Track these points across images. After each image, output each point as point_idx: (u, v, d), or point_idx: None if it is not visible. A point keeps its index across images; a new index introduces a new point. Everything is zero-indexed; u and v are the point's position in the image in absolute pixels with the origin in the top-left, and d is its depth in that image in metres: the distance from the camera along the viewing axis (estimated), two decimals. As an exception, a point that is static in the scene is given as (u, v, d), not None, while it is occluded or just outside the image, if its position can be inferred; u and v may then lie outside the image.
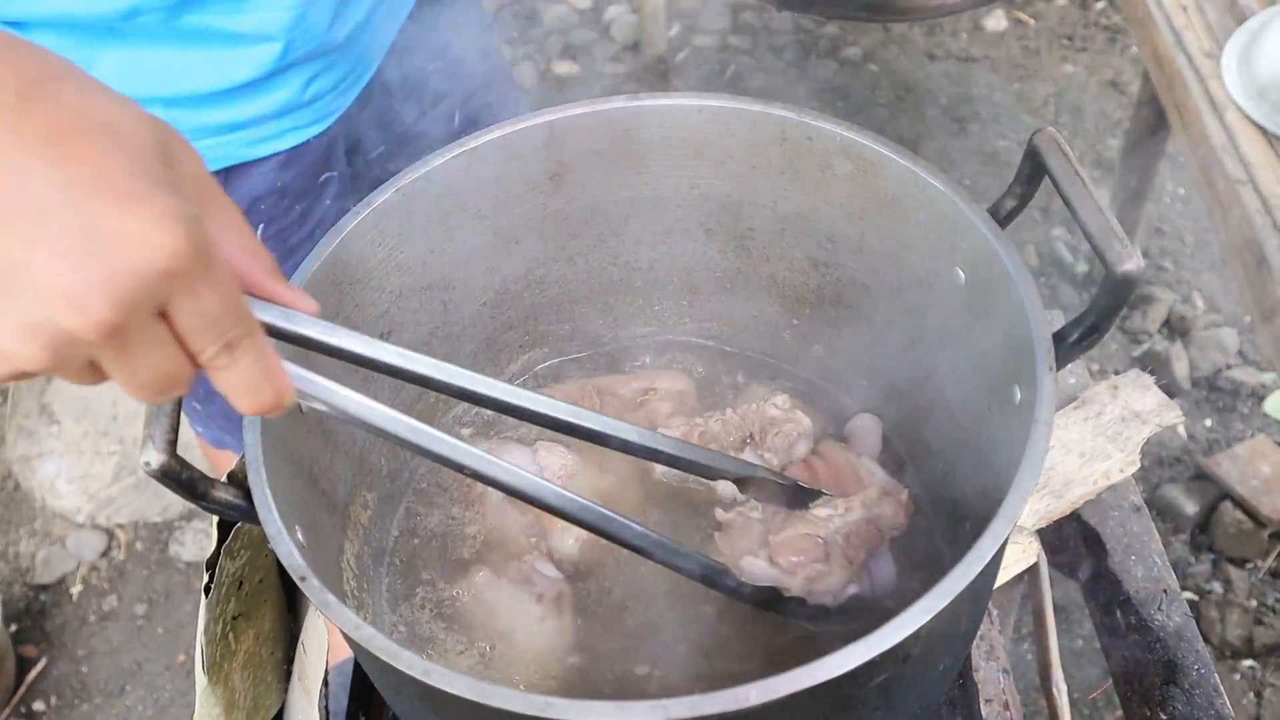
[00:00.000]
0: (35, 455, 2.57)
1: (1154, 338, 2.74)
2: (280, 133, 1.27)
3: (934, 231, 0.94)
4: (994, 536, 0.70)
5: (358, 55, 1.30)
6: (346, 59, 1.28)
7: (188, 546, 2.51)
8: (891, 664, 0.71)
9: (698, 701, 0.63)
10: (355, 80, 1.31)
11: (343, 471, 0.97)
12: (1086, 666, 2.26)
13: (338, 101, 1.32)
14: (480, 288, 1.07)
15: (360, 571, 0.98)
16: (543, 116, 1.00)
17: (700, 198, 1.06)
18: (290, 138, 1.28)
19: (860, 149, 0.96)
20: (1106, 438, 1.35)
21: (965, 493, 1.01)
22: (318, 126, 1.30)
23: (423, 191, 0.98)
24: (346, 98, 1.33)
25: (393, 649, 0.68)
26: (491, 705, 0.65)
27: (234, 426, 1.48)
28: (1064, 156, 0.82)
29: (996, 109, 3.38)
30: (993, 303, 0.88)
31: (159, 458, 0.73)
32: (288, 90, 1.23)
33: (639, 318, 1.17)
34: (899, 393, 1.08)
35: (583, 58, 3.64)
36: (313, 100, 1.27)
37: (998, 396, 0.90)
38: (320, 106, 1.29)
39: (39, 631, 2.40)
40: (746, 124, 1.00)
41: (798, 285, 1.10)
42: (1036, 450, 0.73)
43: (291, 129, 1.28)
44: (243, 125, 1.22)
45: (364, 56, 1.32)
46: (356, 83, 1.32)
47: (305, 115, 1.28)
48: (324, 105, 1.30)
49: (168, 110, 1.17)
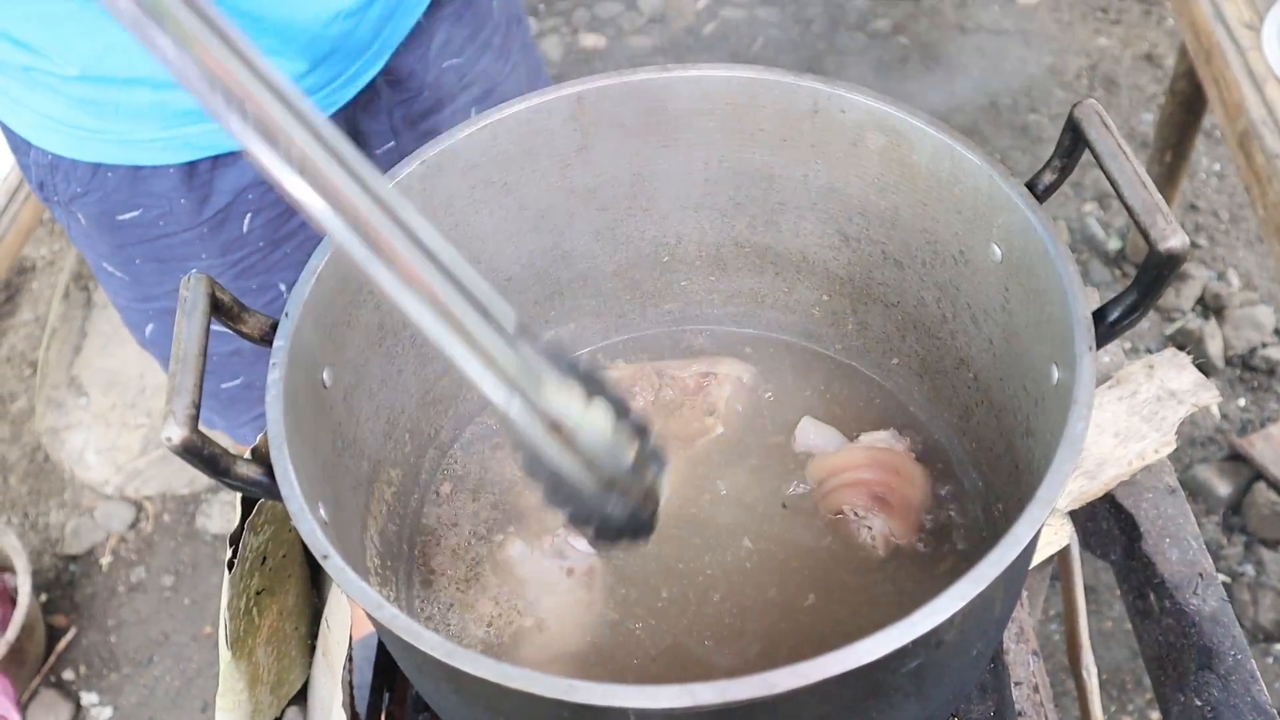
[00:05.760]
0: (64, 427, 2.58)
1: (1187, 315, 2.70)
2: None
3: (969, 206, 0.92)
4: (1030, 520, 0.68)
5: (359, 50, 1.25)
6: (346, 54, 1.24)
7: (214, 519, 2.52)
8: (924, 650, 0.69)
9: (726, 687, 0.62)
10: (357, 75, 1.27)
11: (366, 448, 0.96)
12: (1114, 649, 2.24)
13: (335, 95, 1.27)
14: (505, 263, 1.06)
15: (384, 549, 0.97)
16: (570, 88, 0.98)
17: (729, 171, 1.04)
18: None
19: (894, 121, 0.94)
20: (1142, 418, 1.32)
21: (998, 475, 0.99)
22: None
23: (447, 165, 0.96)
24: (345, 92, 1.28)
25: (415, 629, 0.67)
26: (514, 687, 0.64)
27: (223, 408, 1.45)
28: (1106, 128, 0.80)
29: (1028, 82, 3.33)
30: (1030, 280, 0.86)
31: (180, 433, 0.72)
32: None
33: (666, 294, 1.15)
34: (931, 371, 1.06)
35: (609, 30, 3.61)
36: (308, 92, 1.22)
37: (1033, 376, 0.88)
38: (316, 100, 1.24)
39: (68, 601, 2.42)
40: (777, 95, 0.98)
41: (828, 261, 1.08)
42: (1075, 433, 0.71)
43: None
44: None
45: (369, 51, 1.27)
46: (359, 77, 1.27)
47: None
48: (320, 98, 1.25)
49: (155, 92, 1.14)
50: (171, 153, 1.20)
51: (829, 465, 1.04)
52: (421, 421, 1.04)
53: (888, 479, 1.01)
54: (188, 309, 0.80)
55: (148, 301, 1.35)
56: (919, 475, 1.03)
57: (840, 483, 1.02)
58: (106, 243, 1.29)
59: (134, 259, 1.30)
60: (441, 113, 1.39)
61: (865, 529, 1.00)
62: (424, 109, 1.38)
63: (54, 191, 1.27)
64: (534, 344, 0.69)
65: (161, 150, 1.19)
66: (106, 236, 1.28)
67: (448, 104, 1.40)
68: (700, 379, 1.09)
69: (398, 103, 1.36)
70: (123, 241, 1.28)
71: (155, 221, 1.25)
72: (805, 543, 1.00)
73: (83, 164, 1.21)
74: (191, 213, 1.24)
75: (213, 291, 0.82)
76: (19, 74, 1.15)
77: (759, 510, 1.03)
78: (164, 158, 1.20)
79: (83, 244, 1.34)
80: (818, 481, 1.04)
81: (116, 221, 1.26)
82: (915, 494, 1.02)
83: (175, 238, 1.27)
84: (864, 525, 1.00)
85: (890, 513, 1.00)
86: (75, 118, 1.17)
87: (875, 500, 1.00)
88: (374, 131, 1.37)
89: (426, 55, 1.35)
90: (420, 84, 1.36)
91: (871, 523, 1.00)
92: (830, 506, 1.02)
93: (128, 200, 1.24)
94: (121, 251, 1.29)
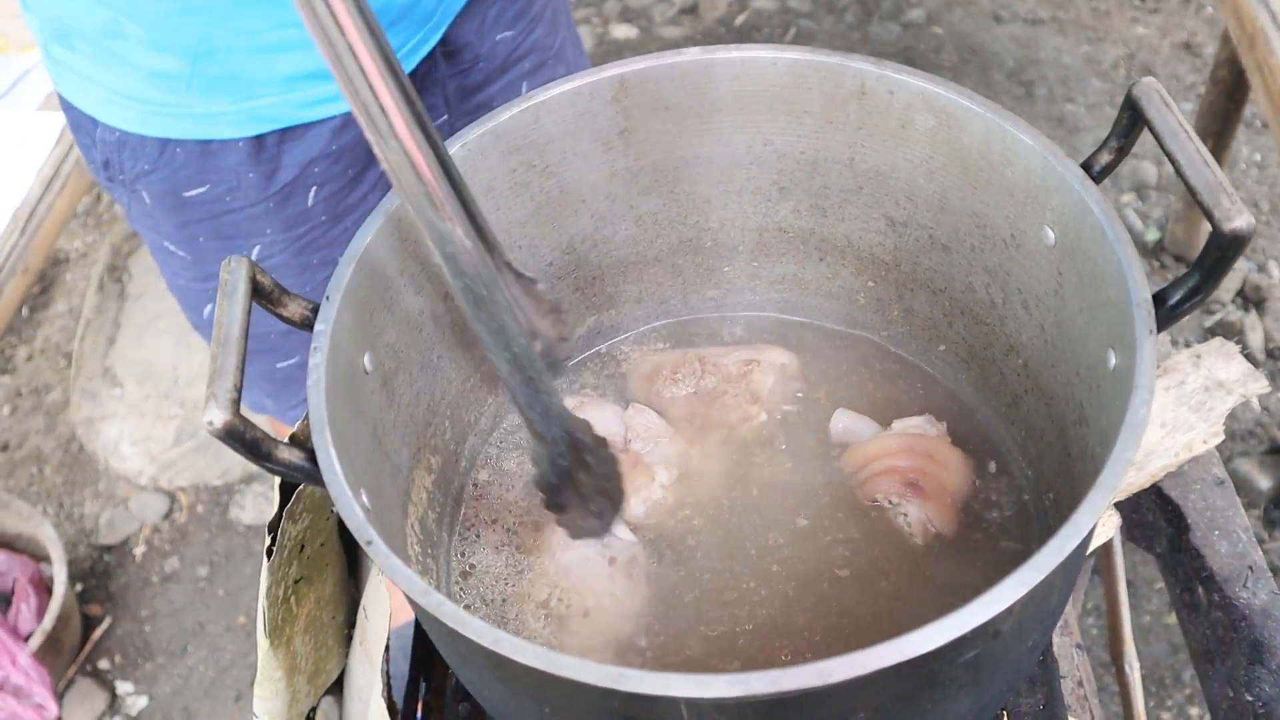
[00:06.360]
0: (99, 418, 2.59)
1: (1227, 307, 2.66)
2: (337, 95, 1.25)
3: (1021, 189, 0.90)
4: (1092, 507, 0.66)
5: (423, 19, 1.27)
6: (411, 22, 1.25)
7: (247, 510, 2.53)
8: (982, 640, 0.67)
9: (780, 676, 0.60)
10: (420, 44, 1.28)
11: (407, 435, 0.95)
12: (1153, 644, 2.21)
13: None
14: (546, 248, 1.05)
15: (425, 536, 0.96)
16: (612, 70, 0.96)
17: (774, 154, 1.03)
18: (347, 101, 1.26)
19: (944, 103, 0.92)
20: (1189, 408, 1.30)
21: (1048, 464, 0.97)
22: None
23: (489, 148, 0.95)
24: (407, 63, 1.29)
25: (461, 616, 0.66)
26: (563, 676, 0.63)
27: (276, 389, 1.46)
28: (1166, 107, 0.78)
29: (1065, 72, 3.29)
30: (1085, 263, 0.84)
31: (222, 417, 0.71)
32: None
33: (708, 280, 1.13)
34: (979, 358, 1.04)
35: (640, 21, 3.59)
36: None
37: (1088, 362, 0.86)
38: None
39: (103, 591, 2.43)
40: (824, 77, 0.96)
41: (874, 246, 1.06)
42: (1137, 419, 0.69)
43: None
44: (300, 80, 1.19)
45: (431, 21, 1.28)
46: (420, 46, 1.28)
47: None
48: None
49: (229, 57, 1.14)
50: (241, 126, 1.20)
51: (863, 454, 1.03)
52: (461, 408, 1.03)
53: (921, 465, 1.00)
54: (228, 291, 0.79)
55: (208, 281, 1.36)
56: (956, 460, 1.02)
57: (873, 471, 1.01)
58: (170, 221, 1.30)
59: (198, 236, 1.31)
60: (493, 86, 1.40)
61: (901, 516, 0.98)
62: (477, 82, 1.39)
63: (119, 170, 1.27)
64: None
65: (231, 124, 1.20)
66: (171, 215, 1.29)
67: (498, 78, 1.41)
68: (743, 366, 1.08)
69: (451, 75, 1.37)
70: (187, 219, 1.29)
71: (222, 197, 1.26)
72: (846, 532, 0.99)
73: (152, 140, 1.22)
74: (259, 186, 1.25)
75: (253, 275, 0.81)
76: (93, 46, 1.16)
77: (800, 500, 1.01)
78: (233, 131, 1.21)
79: (144, 224, 1.34)
80: (853, 471, 1.03)
81: (183, 199, 1.27)
82: (952, 479, 1.00)
83: (241, 213, 1.28)
84: (899, 513, 0.98)
85: (925, 499, 0.98)
86: (146, 92, 1.18)
87: (909, 487, 0.98)
88: (429, 105, 1.38)
89: (482, 27, 1.36)
90: (475, 56, 1.37)
91: (906, 510, 0.98)
92: (866, 495, 1.00)
93: (195, 176, 1.24)
94: (185, 229, 1.30)
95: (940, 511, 0.98)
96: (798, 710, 0.68)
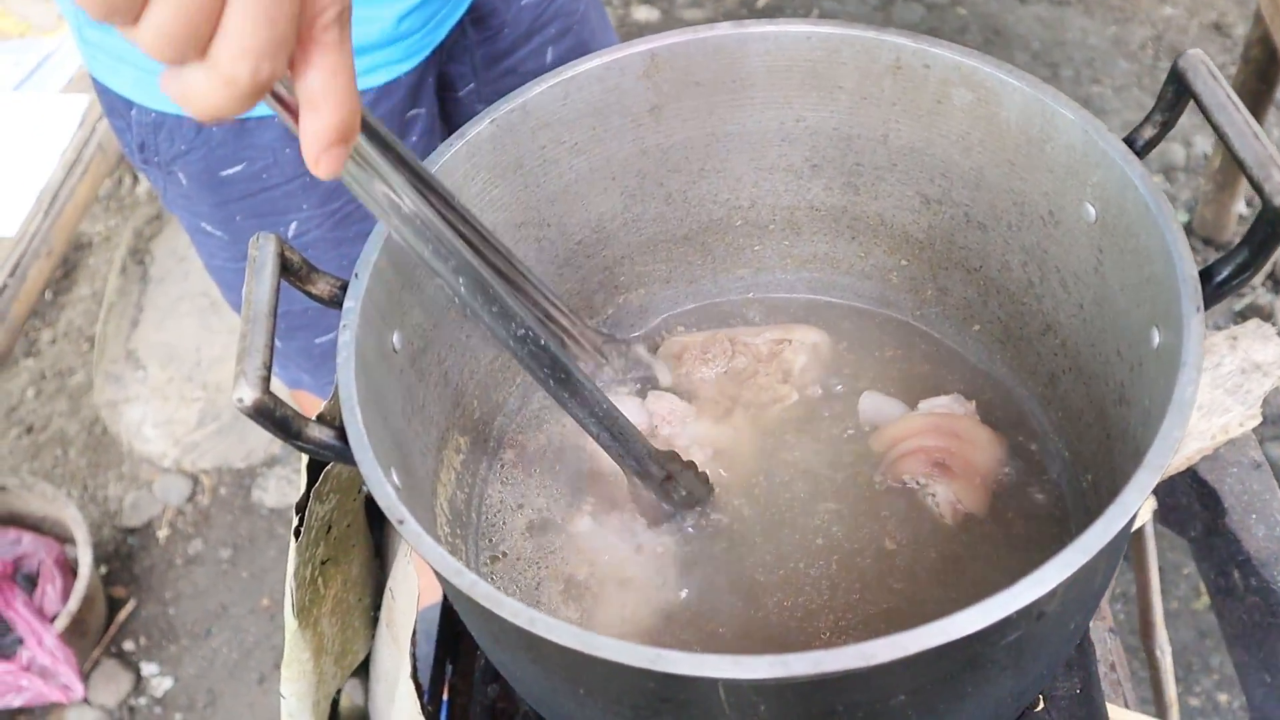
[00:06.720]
0: (122, 400, 2.60)
1: (1257, 291, 2.64)
2: (372, 68, 1.24)
3: (1061, 164, 0.88)
4: (1139, 487, 0.65)
5: None
6: None
7: (270, 493, 2.53)
8: (1026, 622, 0.66)
9: (822, 657, 0.59)
10: (449, 14, 1.27)
11: (435, 414, 0.94)
12: (1181, 629, 2.19)
13: (430, 36, 1.28)
14: (575, 225, 1.03)
15: (454, 517, 0.95)
16: (643, 44, 0.95)
17: (806, 131, 1.01)
18: (382, 73, 1.25)
19: (982, 77, 0.90)
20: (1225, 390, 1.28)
21: (1086, 445, 0.95)
22: (408, 62, 1.27)
23: (518, 123, 0.94)
24: (439, 33, 1.29)
25: (496, 596, 0.65)
26: (599, 656, 0.62)
27: (314, 365, 1.46)
28: (1213, 79, 0.76)
29: (1091, 53, 3.25)
30: (1127, 240, 0.82)
31: (252, 394, 0.70)
32: (379, 24, 1.19)
33: (739, 259, 1.12)
34: (1014, 338, 1.02)
35: (661, 3, 3.57)
36: (405, 34, 1.23)
37: (1129, 341, 0.84)
38: (412, 42, 1.26)
39: (128, 573, 2.44)
40: (858, 51, 0.94)
41: (907, 224, 1.04)
42: (1184, 396, 0.68)
43: (384, 64, 1.24)
44: None
45: None
46: (450, 16, 1.27)
47: (397, 50, 1.24)
48: (416, 41, 1.26)
49: None
50: None
51: (890, 435, 1.02)
52: (489, 388, 1.02)
53: (948, 444, 0.98)
54: (256, 268, 0.78)
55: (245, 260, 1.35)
56: (984, 439, 1.00)
57: (900, 452, 0.99)
58: (207, 201, 1.30)
59: (234, 216, 1.31)
60: (519, 52, 1.40)
61: (929, 497, 0.97)
62: (504, 48, 1.39)
63: (155, 152, 1.27)
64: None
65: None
66: (207, 195, 1.29)
67: (524, 44, 1.40)
68: (774, 345, 1.06)
69: (479, 42, 1.37)
70: (224, 199, 1.29)
71: (259, 175, 1.26)
72: (878, 514, 0.97)
73: (188, 120, 1.21)
74: (295, 162, 1.24)
75: (282, 251, 0.80)
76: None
77: (832, 481, 1.00)
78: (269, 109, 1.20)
79: (180, 206, 1.34)
80: (881, 452, 1.01)
81: (219, 178, 1.26)
82: (981, 457, 0.99)
83: (277, 190, 1.27)
84: (928, 494, 0.97)
85: (953, 478, 0.97)
86: None
87: (935, 466, 0.97)
88: (458, 74, 1.38)
89: None
90: (501, 22, 1.36)
91: (934, 490, 0.97)
92: (894, 477, 0.99)
93: (232, 154, 1.24)
94: (222, 209, 1.30)
95: (969, 491, 0.97)
96: (837, 692, 0.66)
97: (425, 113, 1.34)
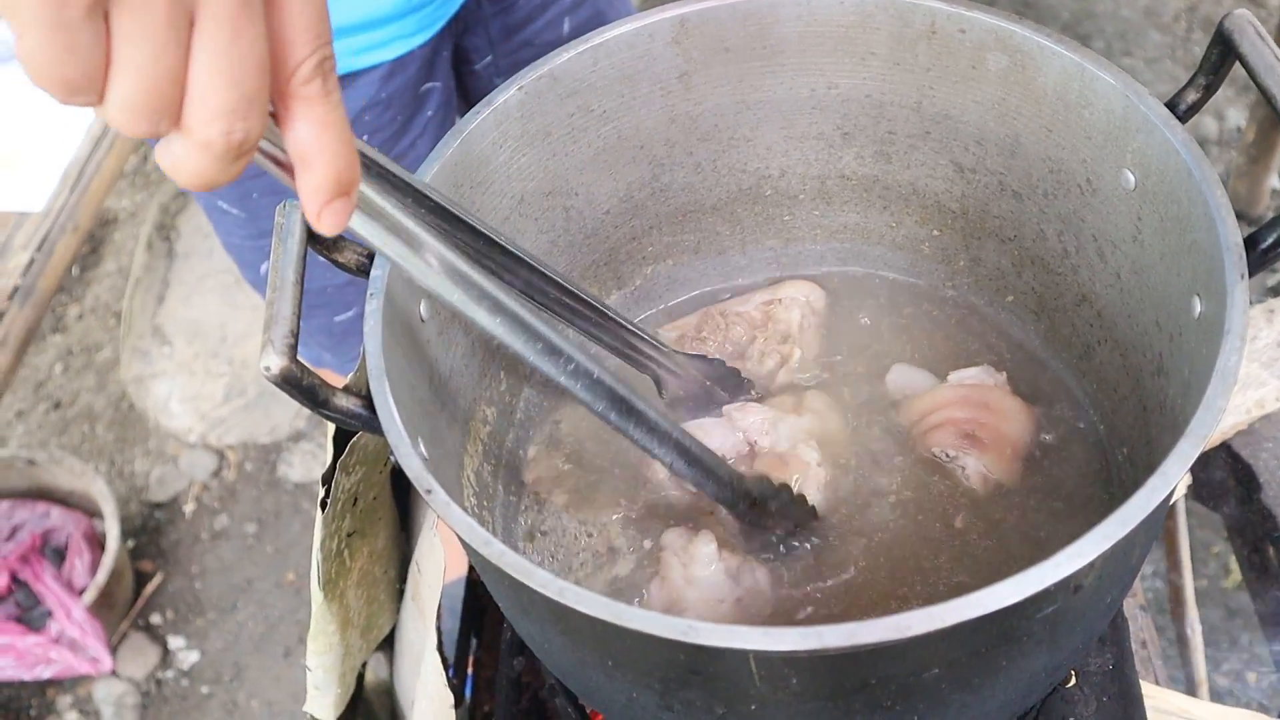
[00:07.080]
0: (149, 376, 2.61)
1: (1292, 266, 2.60)
2: (386, 41, 1.23)
3: (1100, 131, 0.86)
4: (1181, 458, 0.63)
5: None
6: None
7: (295, 468, 2.53)
8: (1062, 595, 0.65)
9: (856, 629, 0.58)
10: None
11: (462, 386, 0.93)
12: (1209, 607, 2.17)
13: (443, 9, 1.26)
14: (603, 195, 1.02)
15: (480, 489, 0.94)
16: (672, 10, 0.93)
17: (838, 98, 0.99)
18: (396, 46, 1.24)
19: (1019, 41, 0.88)
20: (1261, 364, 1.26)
21: (1121, 417, 0.94)
22: (422, 35, 1.26)
23: (546, 91, 0.93)
24: (452, 5, 1.28)
25: (526, 567, 0.64)
26: (630, 628, 0.61)
27: (334, 343, 1.46)
28: (1261, 40, 0.74)
29: (1123, 25, 3.21)
30: (1168, 207, 0.80)
31: (279, 362, 0.69)
32: None
33: (768, 229, 1.10)
34: (1049, 309, 1.00)
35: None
36: (418, 7, 1.21)
37: (1168, 310, 0.82)
38: (425, 15, 1.24)
39: (155, 548, 2.45)
40: (892, 16, 0.92)
41: (940, 193, 1.03)
42: (1228, 365, 0.66)
43: (398, 37, 1.23)
44: (348, 30, 1.18)
45: None
46: None
47: (410, 23, 1.23)
48: (429, 13, 1.25)
49: None
50: None
51: (918, 408, 1.00)
52: (516, 360, 1.01)
53: (977, 415, 0.97)
54: (283, 236, 0.77)
55: (262, 238, 1.35)
56: (1015, 409, 0.98)
57: (930, 424, 0.98)
58: None
59: (251, 193, 1.30)
60: (535, 23, 1.39)
61: (959, 469, 0.95)
62: (519, 20, 1.37)
63: None
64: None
65: None
66: None
67: (540, 15, 1.39)
68: (764, 308, 1.05)
69: (495, 14, 1.36)
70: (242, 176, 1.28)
71: None
72: (908, 487, 0.96)
73: None
74: None
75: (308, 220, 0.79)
76: None
77: (860, 455, 0.98)
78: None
79: None
80: (910, 424, 1.00)
81: None
82: (1011, 428, 0.97)
83: None
84: (958, 465, 0.95)
85: (983, 449, 0.95)
86: None
87: (965, 438, 0.96)
88: (474, 47, 1.37)
89: None
90: None
91: (965, 462, 0.95)
92: (924, 449, 0.98)
93: None
94: (239, 186, 1.29)
95: (1000, 462, 0.96)
96: (870, 665, 0.65)
97: (441, 86, 1.33)
